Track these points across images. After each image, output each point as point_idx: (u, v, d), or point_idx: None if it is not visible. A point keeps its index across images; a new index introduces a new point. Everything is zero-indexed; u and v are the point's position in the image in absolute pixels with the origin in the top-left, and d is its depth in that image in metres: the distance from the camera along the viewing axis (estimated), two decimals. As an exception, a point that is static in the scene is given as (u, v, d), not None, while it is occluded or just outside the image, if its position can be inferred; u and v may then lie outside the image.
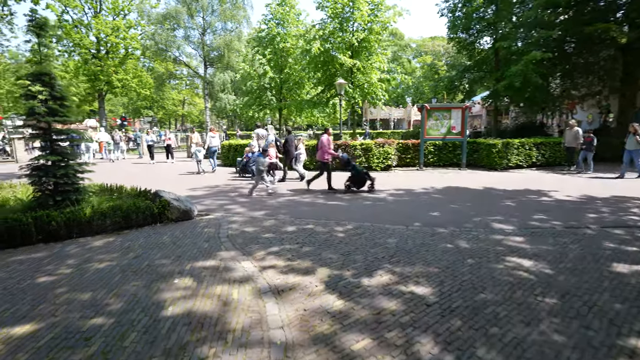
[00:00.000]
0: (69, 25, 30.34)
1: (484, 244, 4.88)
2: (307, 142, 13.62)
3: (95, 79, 31.26)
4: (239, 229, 5.82)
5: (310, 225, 5.98)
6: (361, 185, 8.96)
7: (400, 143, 13.81)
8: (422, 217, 6.43)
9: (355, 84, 16.37)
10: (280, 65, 20.12)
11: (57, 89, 5.94)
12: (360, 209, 7.24)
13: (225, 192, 9.36)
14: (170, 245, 5.00)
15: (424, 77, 50.79)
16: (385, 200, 8.07)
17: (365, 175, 8.92)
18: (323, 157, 9.14)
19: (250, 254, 4.66)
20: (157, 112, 58.78)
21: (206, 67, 28.69)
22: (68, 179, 5.96)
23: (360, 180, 8.89)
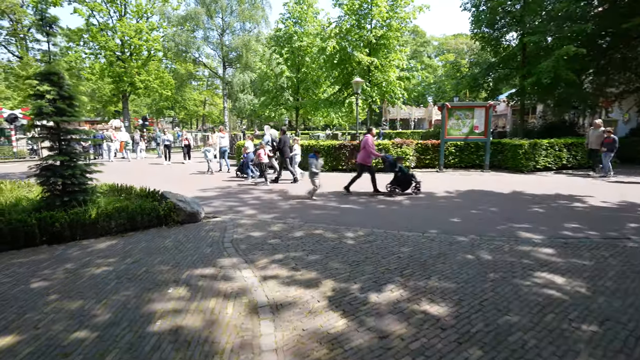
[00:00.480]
0: (95, 28, 31.34)
1: (509, 256, 4.40)
2: (320, 143, 13.31)
3: (119, 80, 32.15)
4: (244, 233, 5.57)
5: (319, 230, 5.66)
6: (406, 188, 8.51)
7: (419, 143, 13.27)
8: (440, 224, 5.98)
9: (373, 82, 15.91)
10: (298, 64, 19.90)
11: (66, 88, 5.87)
12: (374, 213, 6.85)
13: (236, 193, 9.18)
14: (171, 250, 4.80)
15: (446, 75, 49.46)
16: (401, 204, 7.64)
17: (412, 178, 8.47)
18: (366, 159, 8.59)
19: (253, 261, 4.38)
20: (178, 113, 60.14)
21: (225, 68, 28.89)
22: (75, 180, 5.88)
23: (406, 182, 8.46)
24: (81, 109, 6.11)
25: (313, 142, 13.48)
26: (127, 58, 32.19)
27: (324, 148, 13.08)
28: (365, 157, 8.61)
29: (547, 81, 13.67)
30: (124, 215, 5.65)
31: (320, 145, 13.15)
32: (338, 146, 12.80)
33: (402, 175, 8.45)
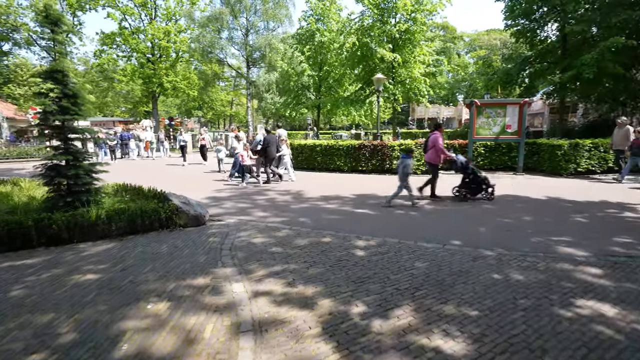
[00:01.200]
0: (127, 32, 32.48)
1: (545, 277, 3.71)
2: (339, 143, 12.79)
3: (149, 81, 33.14)
4: (246, 239, 5.18)
5: (327, 238, 5.17)
6: (477, 193, 7.66)
7: (445, 144, 12.40)
8: (464, 234, 5.31)
9: (396, 80, 15.17)
10: (320, 62, 19.47)
11: (70, 86, 5.74)
12: (390, 219, 6.26)
13: (251, 194, 8.85)
14: (165, 257, 4.49)
15: (477, 72, 47.31)
16: (421, 209, 6.98)
17: (484, 181, 7.62)
18: (436, 158, 7.82)
19: (248, 273, 3.97)
20: (206, 113, 61.57)
21: (249, 67, 28.99)
22: (79, 180, 5.74)
23: (478, 186, 7.64)
24: (86, 108, 5.95)
25: (332, 142, 12.99)
26: (156, 60, 33.11)
27: (342, 148, 12.55)
28: (434, 156, 7.82)
29: (589, 75, 12.39)
30: (123, 218, 5.43)
31: (339, 145, 12.63)
32: (358, 146, 12.24)
33: (474, 179, 7.58)
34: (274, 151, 10.30)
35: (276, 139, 10.51)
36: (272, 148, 10.23)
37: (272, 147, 10.22)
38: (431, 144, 7.90)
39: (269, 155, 10.25)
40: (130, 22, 33.36)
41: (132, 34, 32.58)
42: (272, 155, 10.32)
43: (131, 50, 33.44)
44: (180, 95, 40.38)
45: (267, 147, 10.16)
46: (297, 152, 13.78)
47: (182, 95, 39.88)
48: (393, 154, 11.77)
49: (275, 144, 10.39)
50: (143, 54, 33.17)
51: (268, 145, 10.13)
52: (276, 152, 10.48)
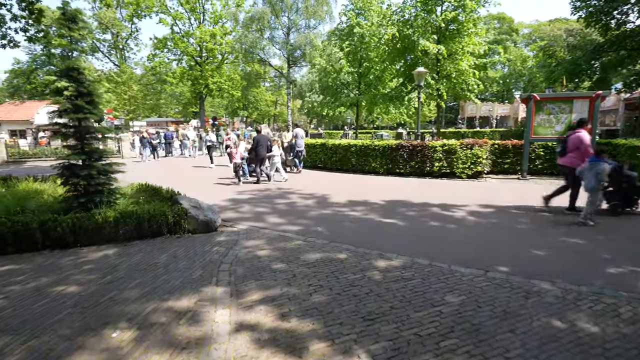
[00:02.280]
0: (177, 36, 34.07)
1: (630, 330, 2.67)
2: (375, 143, 11.89)
3: (196, 83, 34.51)
4: (252, 251, 4.61)
5: (342, 254, 4.43)
6: (631, 204, 6.28)
7: (496, 144, 10.99)
8: (514, 257, 4.28)
9: (441, 73, 13.85)
10: (360, 58, 18.61)
11: (85, 84, 5.59)
12: (422, 233, 5.34)
13: (273, 197, 8.35)
14: (159, 269, 4.06)
15: (538, 66, 43.10)
16: (461, 222, 5.95)
17: None
18: (579, 161, 6.11)
19: (240, 295, 3.39)
20: (251, 113, 63.18)
21: (289, 67, 28.88)
22: (92, 180, 5.58)
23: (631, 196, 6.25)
24: (100, 107, 5.78)
25: (367, 142, 12.13)
26: (203, 62, 34.35)
27: (378, 149, 11.63)
28: (576, 159, 6.19)
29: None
30: (130, 222, 5.14)
31: (375, 145, 11.73)
32: (395, 147, 11.25)
33: (631, 188, 6.16)
34: (262, 151, 10.20)
35: (267, 139, 10.38)
36: (262, 148, 10.14)
37: (262, 147, 10.13)
38: (573, 144, 6.30)
39: (258, 155, 10.22)
40: (180, 26, 34.98)
41: (182, 37, 34.12)
42: (262, 155, 10.26)
43: (181, 53, 35.07)
44: (225, 96, 41.72)
45: (257, 147, 10.12)
46: (330, 152, 13.12)
47: (227, 96, 41.17)
48: (434, 156, 10.62)
49: (266, 145, 10.23)
50: (192, 57, 34.58)
51: (257, 146, 10.09)
52: (267, 152, 10.34)
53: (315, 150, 13.83)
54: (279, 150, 11.00)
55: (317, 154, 13.76)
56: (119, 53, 38.94)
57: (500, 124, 38.44)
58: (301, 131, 12.92)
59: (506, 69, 54.35)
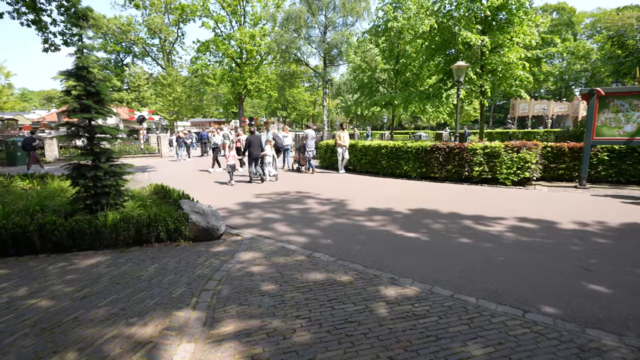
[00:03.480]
0: (219, 39, 35.06)
1: None
2: (408, 145, 10.98)
3: (235, 83, 35.30)
4: (247, 266, 4.12)
5: (347, 275, 3.79)
6: None
7: (549, 147, 9.60)
8: (565, 293, 3.35)
9: (486, 68, 12.51)
10: (397, 54, 17.60)
11: (94, 83, 5.45)
12: (448, 252, 4.51)
13: (288, 201, 7.82)
14: (141, 283, 3.69)
15: (602, 58, 38.69)
16: (498, 239, 5.00)
17: None
18: None
19: (214, 325, 2.89)
20: (290, 113, 63.74)
21: (326, 66, 28.39)
22: (98, 182, 5.43)
23: None
24: (107, 107, 5.61)
25: (400, 144, 11.22)
26: (242, 63, 35.03)
27: (411, 151, 10.70)
28: None
29: None
30: (128, 227, 4.88)
31: (408, 147, 10.81)
32: (429, 149, 10.26)
33: None
34: (254, 151, 10.54)
35: (259, 140, 10.77)
36: (254, 148, 10.52)
37: (254, 147, 10.52)
38: None
39: (251, 155, 10.58)
40: (221, 29, 35.97)
41: (223, 40, 35.08)
42: (254, 155, 10.60)
43: (222, 55, 36.08)
44: (263, 96, 42.34)
45: (249, 147, 10.51)
46: (360, 154, 12.39)
47: (265, 96, 41.75)
48: (474, 159, 9.50)
49: (258, 145, 10.60)
50: (232, 58, 35.46)
51: (250, 146, 10.48)
52: (260, 151, 10.69)
53: (344, 151, 13.16)
54: (271, 151, 11.29)
55: (345, 156, 13.08)
56: (165, 57, 40.97)
57: (556, 124, 34.98)
58: (312, 132, 13.06)
59: (565, 63, 49.63)
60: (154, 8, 37.42)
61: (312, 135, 13.02)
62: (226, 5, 34.70)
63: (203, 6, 34.37)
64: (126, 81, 40.36)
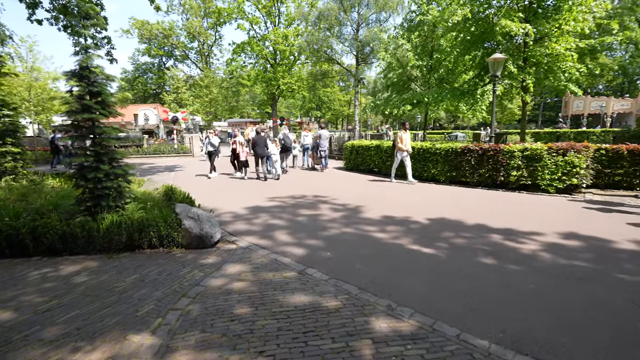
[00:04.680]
0: (254, 40, 35.52)
1: None
2: (436, 146, 10.09)
3: (269, 84, 35.57)
4: (228, 283, 3.71)
5: (337, 300, 3.26)
6: None
7: (603, 149, 8.31)
8: (614, 342, 2.57)
9: (529, 61, 11.21)
10: (431, 49, 16.55)
11: (96, 83, 5.36)
12: (465, 276, 3.80)
13: (300, 206, 7.33)
14: (110, 298, 3.42)
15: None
16: (529, 260, 4.17)
17: None
18: None
19: (166, 356, 2.50)
20: (325, 113, 63.43)
21: (358, 64, 27.63)
22: (99, 183, 5.32)
23: None
24: (109, 107, 5.49)
25: (428, 145, 10.35)
26: (275, 64, 35.20)
27: (439, 153, 9.82)
28: None
29: None
30: (117, 232, 4.69)
31: (436, 149, 9.93)
32: (460, 151, 9.31)
33: None
34: (259, 150, 11.14)
35: (264, 140, 11.26)
36: (259, 148, 11.13)
37: (259, 147, 11.13)
38: None
39: (256, 154, 11.20)
40: (256, 30, 36.41)
41: (258, 41, 35.48)
42: (260, 154, 11.20)
43: (257, 56, 36.54)
44: (297, 97, 42.38)
45: (255, 147, 11.15)
46: (385, 156, 11.66)
47: (299, 96, 41.77)
48: (511, 163, 8.45)
49: (263, 144, 11.17)
50: (266, 59, 35.80)
51: (255, 146, 11.12)
52: (265, 150, 11.26)
53: (369, 152, 12.51)
54: (277, 150, 11.83)
55: (371, 157, 12.42)
56: (204, 59, 42.34)
57: (616, 123, 31.48)
58: (325, 132, 13.56)
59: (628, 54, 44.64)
60: (193, 12, 38.75)
61: (326, 136, 13.52)
62: (261, 7, 35.06)
63: (238, 8, 34.96)
64: (168, 83, 42.25)
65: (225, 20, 37.38)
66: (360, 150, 13.07)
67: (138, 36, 41.12)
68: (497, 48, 11.57)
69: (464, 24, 11.10)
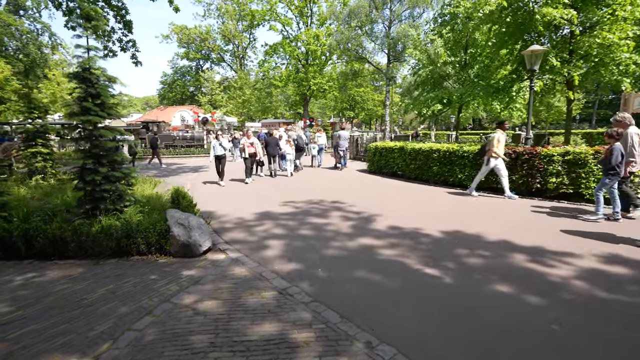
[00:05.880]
0: (286, 41, 35.69)
1: None
2: (464, 148, 9.23)
3: (300, 85, 35.56)
4: (198, 301, 3.39)
5: (309, 331, 2.81)
6: None
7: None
8: None
9: (576, 53, 9.94)
10: (465, 44, 15.42)
11: (96, 85, 5.31)
12: (473, 305, 3.17)
13: (313, 213, 6.89)
14: (73, 311, 3.22)
15: None
16: (558, 290, 3.43)
17: None
18: None
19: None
20: (358, 113, 62.46)
21: (389, 62, 26.67)
22: (96, 186, 5.27)
23: None
24: (109, 108, 5.41)
25: (455, 147, 9.47)
26: (306, 64, 35.11)
27: (467, 156, 8.95)
28: None
29: None
30: (105, 238, 4.55)
31: (464, 152, 9.06)
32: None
33: None
34: (270, 150, 11.99)
35: (276, 140, 12.25)
36: (271, 147, 12.01)
37: (271, 146, 12.02)
38: None
39: (268, 153, 12.09)
40: (288, 31, 36.57)
41: (290, 42, 35.61)
42: (271, 153, 12.05)
43: (289, 57, 36.70)
44: (329, 97, 42.02)
45: (267, 146, 12.10)
46: (409, 158, 10.93)
47: (330, 97, 41.39)
48: (549, 168, 7.44)
49: (274, 144, 12.10)
50: (298, 60, 35.83)
51: (268, 146, 12.04)
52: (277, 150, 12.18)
53: (392, 155, 11.81)
54: (291, 149, 12.38)
55: (394, 160, 11.72)
56: (238, 61, 43.27)
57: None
58: (345, 133, 14.18)
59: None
60: (228, 16, 39.70)
61: (345, 136, 14.12)
62: (293, 8, 35.14)
63: (271, 10, 35.29)
64: (204, 85, 43.71)
65: (259, 23, 37.91)
66: (383, 153, 12.40)
67: (177, 40, 42.93)
68: (537, 40, 10.39)
69: (499, 14, 10.06)
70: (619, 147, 5.57)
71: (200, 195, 8.53)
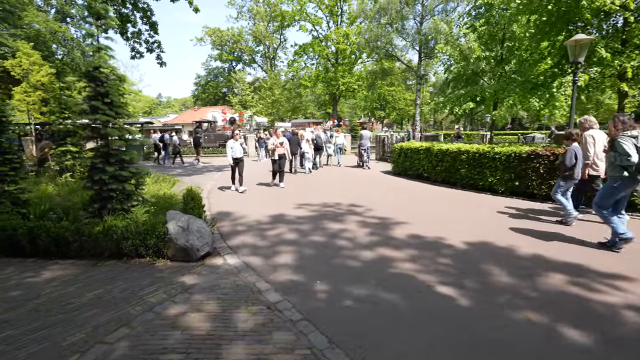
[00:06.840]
0: (315, 41, 35.49)
1: None
2: (496, 149, 8.45)
3: (329, 84, 35.20)
4: (182, 313, 3.14)
5: (288, 358, 2.44)
6: None
7: None
8: None
9: (630, 42, 8.79)
10: (502, 37, 14.36)
11: (105, 84, 5.28)
12: (490, 339, 2.67)
13: (328, 217, 6.50)
14: (57, 315, 3.10)
15: None
16: (600, 322, 2.82)
17: None
18: None
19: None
20: (389, 113, 61.06)
21: (421, 60, 25.68)
22: (104, 185, 5.24)
23: None
24: (121, 109, 5.36)
25: (486, 149, 8.69)
26: (335, 64, 34.68)
27: (499, 158, 8.18)
28: None
29: None
30: (104, 239, 4.46)
31: (495, 153, 8.29)
32: (525, 156, 7.58)
33: None
34: (292, 149, 12.05)
35: (297, 139, 12.83)
36: (292, 146, 12.12)
37: (292, 145, 12.19)
38: None
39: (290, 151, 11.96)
40: (318, 31, 36.34)
41: (320, 42, 35.37)
42: (292, 151, 12.23)
43: (318, 57, 36.47)
44: (358, 96, 41.33)
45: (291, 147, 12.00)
46: (435, 160, 10.25)
47: (359, 96, 40.69)
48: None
49: (296, 143, 12.57)
50: (327, 59, 35.52)
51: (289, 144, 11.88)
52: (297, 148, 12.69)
53: (418, 156, 11.16)
54: (310, 149, 13.13)
55: (420, 161, 11.06)
56: (269, 62, 43.72)
57: None
58: (367, 133, 14.70)
59: None
60: (259, 17, 40.22)
61: (367, 136, 14.58)
62: (324, 8, 34.86)
63: (301, 10, 35.22)
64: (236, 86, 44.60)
65: (289, 23, 38.04)
66: (409, 154, 11.76)
67: (210, 43, 44.14)
68: (584, 29, 9.33)
69: (540, 2, 9.13)
70: (573, 149, 5.43)
71: (218, 196, 8.44)
